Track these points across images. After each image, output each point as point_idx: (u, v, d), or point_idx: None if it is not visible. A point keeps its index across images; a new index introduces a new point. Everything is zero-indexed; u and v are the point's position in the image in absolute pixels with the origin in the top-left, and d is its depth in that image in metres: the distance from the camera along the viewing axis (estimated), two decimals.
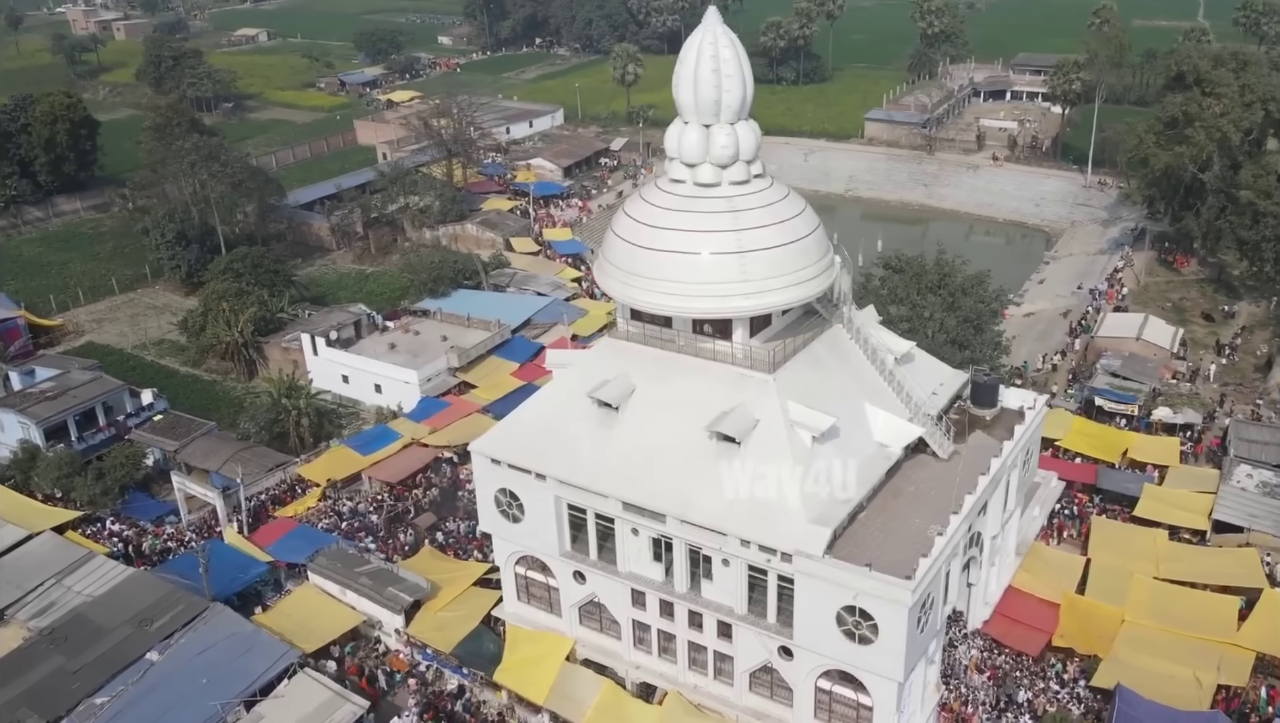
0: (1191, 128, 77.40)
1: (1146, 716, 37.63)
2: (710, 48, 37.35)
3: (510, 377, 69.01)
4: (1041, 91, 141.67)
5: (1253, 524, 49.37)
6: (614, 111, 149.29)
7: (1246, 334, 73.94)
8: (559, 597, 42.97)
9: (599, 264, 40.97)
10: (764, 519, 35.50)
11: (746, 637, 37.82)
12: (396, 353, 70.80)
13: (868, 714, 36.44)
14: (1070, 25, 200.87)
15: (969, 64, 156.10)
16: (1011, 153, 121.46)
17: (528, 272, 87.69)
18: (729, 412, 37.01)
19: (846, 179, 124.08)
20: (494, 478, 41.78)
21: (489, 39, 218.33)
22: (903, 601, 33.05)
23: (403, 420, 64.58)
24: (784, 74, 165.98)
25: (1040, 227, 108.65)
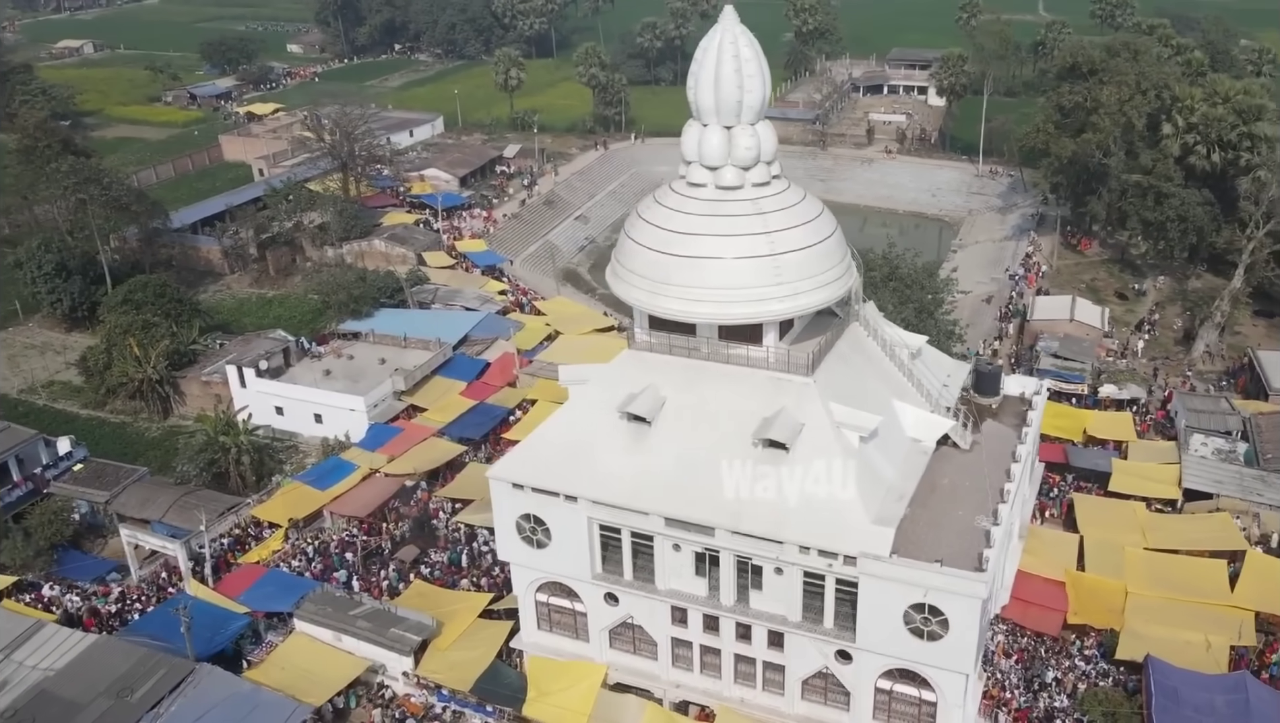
0: (1096, 115, 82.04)
1: (1180, 683, 39.51)
2: (731, 47, 37.22)
3: (459, 397, 67.03)
4: (919, 85, 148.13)
5: (1220, 490, 52.62)
6: (497, 117, 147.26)
7: (1159, 310, 78.86)
8: (586, 622, 41.88)
9: (616, 274, 40.07)
10: (822, 524, 35.49)
11: (801, 644, 37.77)
12: (334, 379, 67.64)
13: (930, 709, 36.96)
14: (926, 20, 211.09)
15: (845, 60, 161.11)
16: (901, 145, 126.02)
17: (449, 286, 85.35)
18: (773, 417, 36.84)
19: None
20: (516, 504, 40.34)
21: (345, 46, 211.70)
22: (977, 593, 33.67)
23: (355, 451, 61.79)
24: (662, 75, 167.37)
25: (940, 216, 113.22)
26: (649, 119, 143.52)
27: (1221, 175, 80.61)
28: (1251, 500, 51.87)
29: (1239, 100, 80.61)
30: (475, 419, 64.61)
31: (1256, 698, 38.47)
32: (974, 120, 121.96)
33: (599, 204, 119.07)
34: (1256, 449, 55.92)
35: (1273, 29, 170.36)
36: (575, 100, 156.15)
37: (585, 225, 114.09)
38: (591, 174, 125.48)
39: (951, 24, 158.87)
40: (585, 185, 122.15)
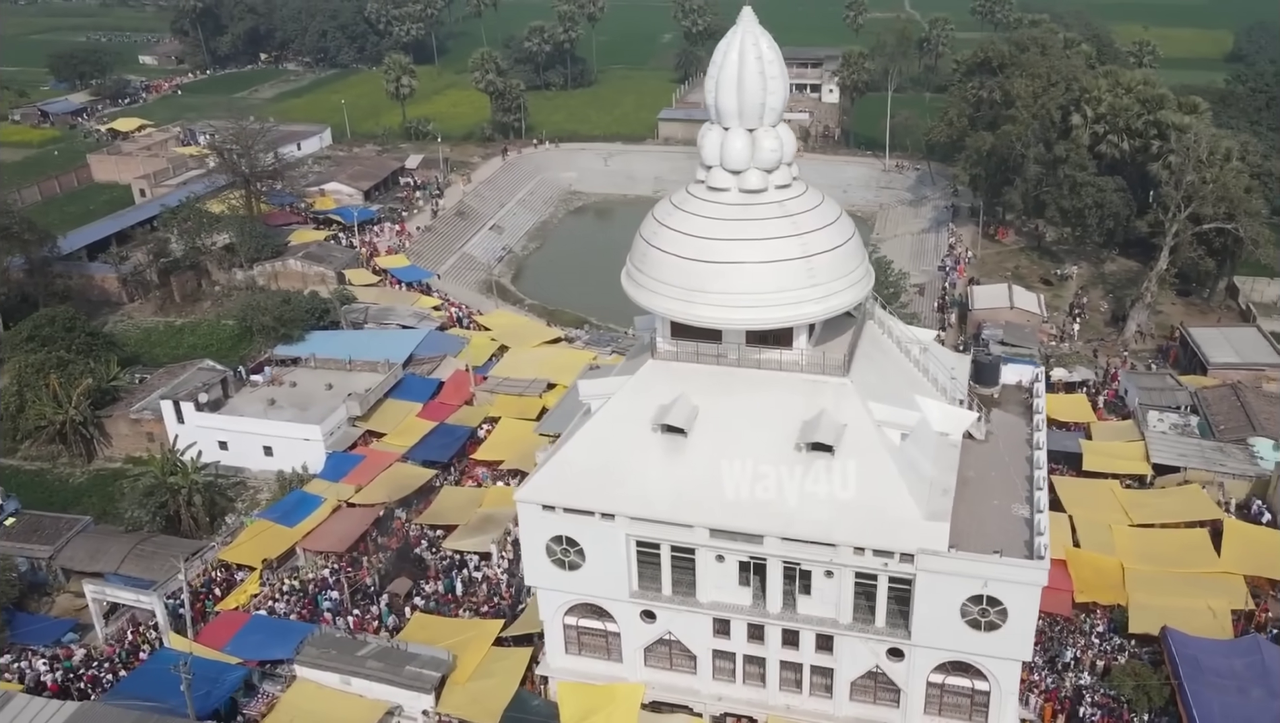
0: (1014, 108, 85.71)
1: (1198, 652, 41.56)
2: (753, 49, 37.19)
3: (417, 419, 65.18)
4: (811, 83, 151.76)
5: (1185, 463, 55.62)
6: (389, 127, 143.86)
7: (1084, 294, 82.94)
8: (619, 642, 41.25)
9: (639, 284, 39.49)
10: (876, 523, 35.87)
11: (851, 646, 38.10)
12: (281, 409, 64.71)
13: (983, 698, 37.83)
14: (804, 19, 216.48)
15: None
16: (804, 143, 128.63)
17: (380, 305, 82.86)
18: (815, 420, 37.04)
19: (653, 180, 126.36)
20: (546, 526, 39.42)
21: (205, 56, 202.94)
22: (1037, 581, 34.65)
23: (317, 482, 59.34)
24: (551, 79, 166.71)
25: (853, 211, 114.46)
26: (551, 124, 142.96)
27: (1131, 162, 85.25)
28: (1215, 471, 54.99)
29: (1141, 90, 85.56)
30: (438, 441, 62.91)
31: (1271, 659, 40.80)
32: (875, 116, 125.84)
33: (510, 213, 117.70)
34: (1209, 422, 59.38)
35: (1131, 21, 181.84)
36: (467, 107, 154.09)
37: (500, 235, 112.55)
38: (498, 183, 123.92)
39: (829, 22, 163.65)
40: (494, 194, 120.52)
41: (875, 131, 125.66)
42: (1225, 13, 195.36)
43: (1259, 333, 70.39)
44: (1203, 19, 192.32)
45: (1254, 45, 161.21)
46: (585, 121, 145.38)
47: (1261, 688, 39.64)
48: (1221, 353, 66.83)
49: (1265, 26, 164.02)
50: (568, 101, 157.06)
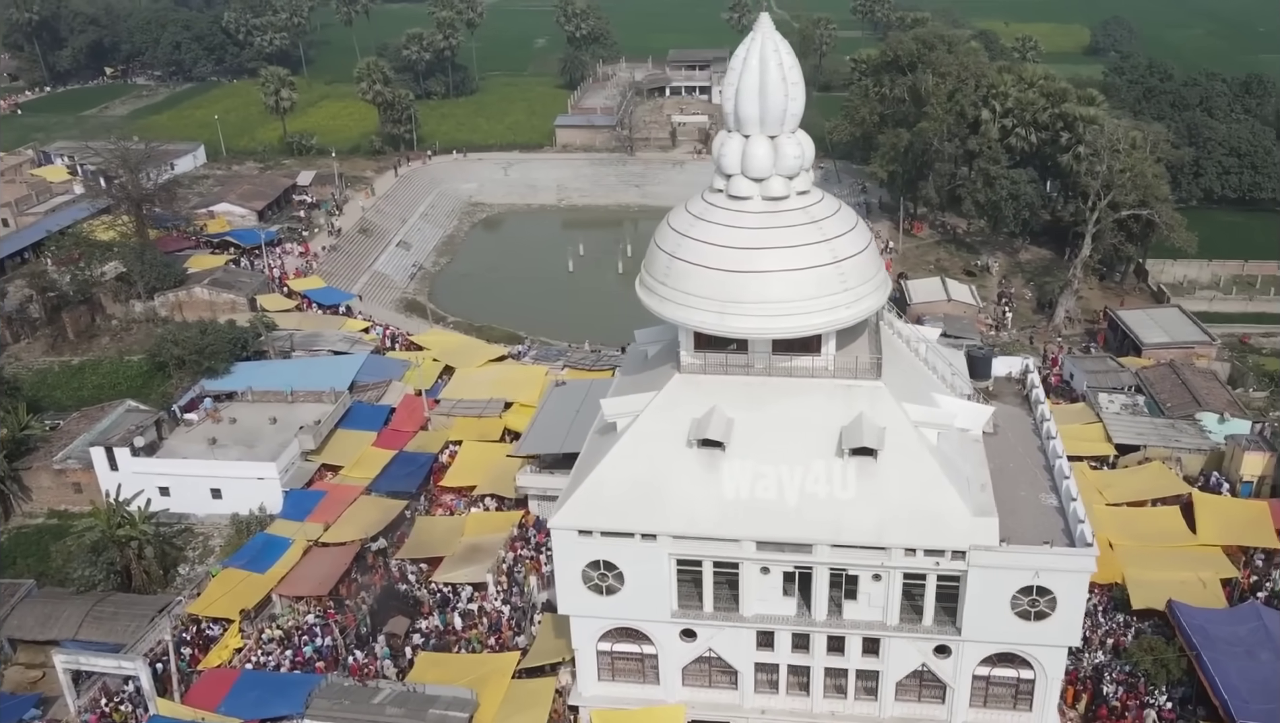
0: (929, 105, 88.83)
1: (1205, 622, 43.87)
2: (775, 55, 37.44)
3: (374, 449, 62.86)
4: (700, 85, 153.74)
5: (1144, 441, 58.73)
6: (268, 143, 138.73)
7: (1007, 283, 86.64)
8: (657, 663, 40.80)
9: (666, 297, 39.03)
10: (927, 524, 36.53)
11: (898, 647, 38.70)
12: (225, 447, 61.45)
13: (1027, 687, 39.00)
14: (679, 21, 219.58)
15: (622, 64, 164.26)
16: (706, 146, 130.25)
17: (304, 330, 79.60)
18: (855, 425, 37.45)
19: (556, 188, 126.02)
20: (582, 552, 38.68)
21: (44, 72, 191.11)
22: (1088, 568, 35.96)
23: (280, 523, 56.63)
24: (433, 88, 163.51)
25: None
26: (440, 134, 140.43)
27: (1039, 154, 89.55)
28: (1171, 447, 58.24)
29: (1044, 85, 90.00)
30: (401, 470, 60.89)
31: (1271, 623, 43.46)
32: None
33: (415, 228, 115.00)
34: (1156, 401, 62.86)
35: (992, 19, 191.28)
36: (348, 119, 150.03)
37: (408, 252, 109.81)
38: (398, 197, 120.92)
39: (705, 23, 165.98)
40: (395, 210, 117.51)
41: None
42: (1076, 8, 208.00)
43: (1180, 312, 74.95)
44: (1057, 14, 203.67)
45: (1110, 39, 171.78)
46: (477, 131, 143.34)
47: (1268, 651, 42.13)
48: (1152, 334, 70.88)
49: (1120, 21, 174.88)
50: (454, 111, 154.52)
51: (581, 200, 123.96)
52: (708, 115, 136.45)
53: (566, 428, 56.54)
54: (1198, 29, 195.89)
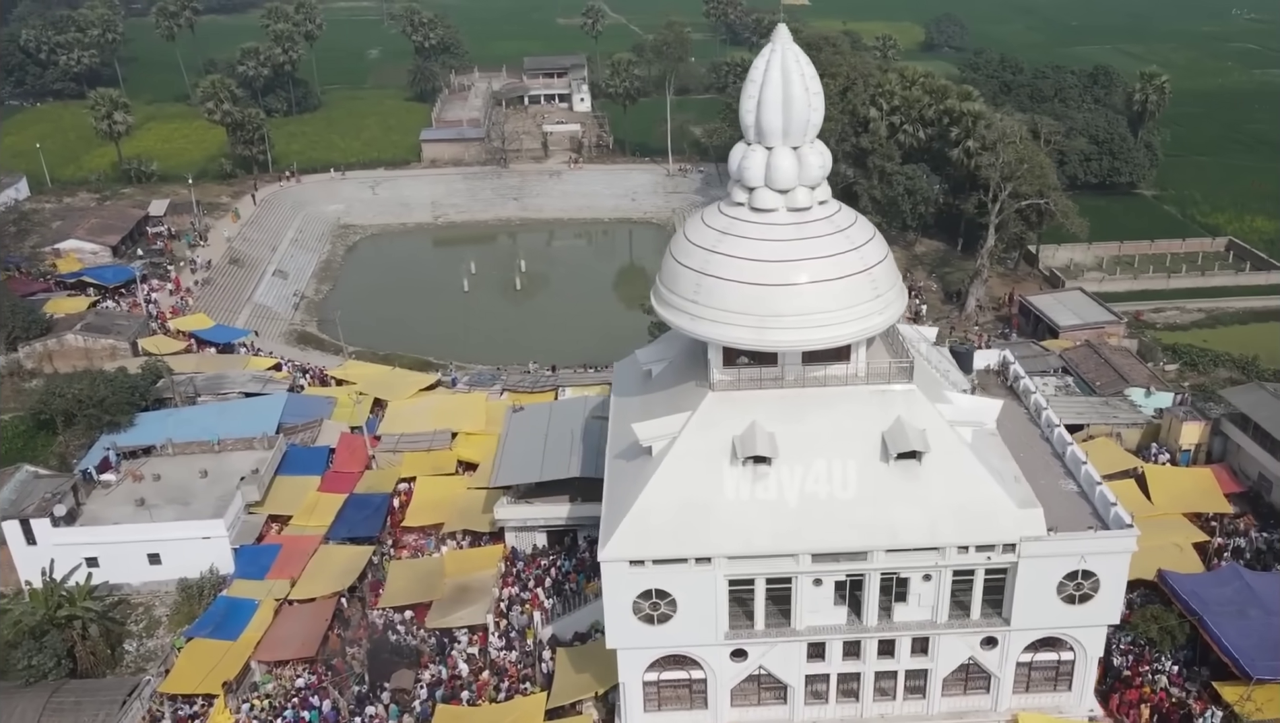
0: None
1: (1194, 587, 47.07)
2: (797, 66, 38.04)
3: (320, 494, 59.82)
4: (559, 93, 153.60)
5: (1087, 420, 62.46)
6: (101, 171, 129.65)
7: (911, 276, 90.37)
8: (705, 687, 40.66)
9: (695, 315, 38.87)
10: (977, 520, 37.80)
11: (948, 643, 39.93)
12: (157, 507, 57.07)
13: (1067, 669, 40.99)
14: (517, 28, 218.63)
15: (474, 74, 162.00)
16: (579, 154, 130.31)
17: (205, 373, 74.79)
18: (898, 429, 38.41)
19: (430, 206, 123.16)
20: (634, 583, 38.13)
21: None
22: (1129, 548, 38.08)
23: (238, 583, 53.12)
24: (273, 105, 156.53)
25: (647, 219, 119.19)
26: (292, 154, 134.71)
27: (927, 149, 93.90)
28: (1111, 423, 62.25)
29: (926, 82, 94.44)
30: (357, 515, 58.25)
31: (1253, 582, 47.08)
32: (649, 122, 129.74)
33: (288, 256, 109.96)
34: (1085, 380, 67.02)
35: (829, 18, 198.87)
36: (183, 142, 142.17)
37: (286, 280, 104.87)
38: (262, 223, 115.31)
39: (545, 30, 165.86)
40: (262, 236, 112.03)
41: (650, 137, 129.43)
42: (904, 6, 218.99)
43: (1083, 294, 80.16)
44: (888, 13, 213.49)
45: (943, 35, 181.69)
46: (333, 149, 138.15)
47: (1257, 608, 45.59)
48: (1065, 317, 75.53)
49: (951, 17, 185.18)
50: (303, 128, 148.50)
51: (459, 217, 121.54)
52: (579, 124, 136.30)
53: (539, 455, 55.44)
54: (1017, 24, 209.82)
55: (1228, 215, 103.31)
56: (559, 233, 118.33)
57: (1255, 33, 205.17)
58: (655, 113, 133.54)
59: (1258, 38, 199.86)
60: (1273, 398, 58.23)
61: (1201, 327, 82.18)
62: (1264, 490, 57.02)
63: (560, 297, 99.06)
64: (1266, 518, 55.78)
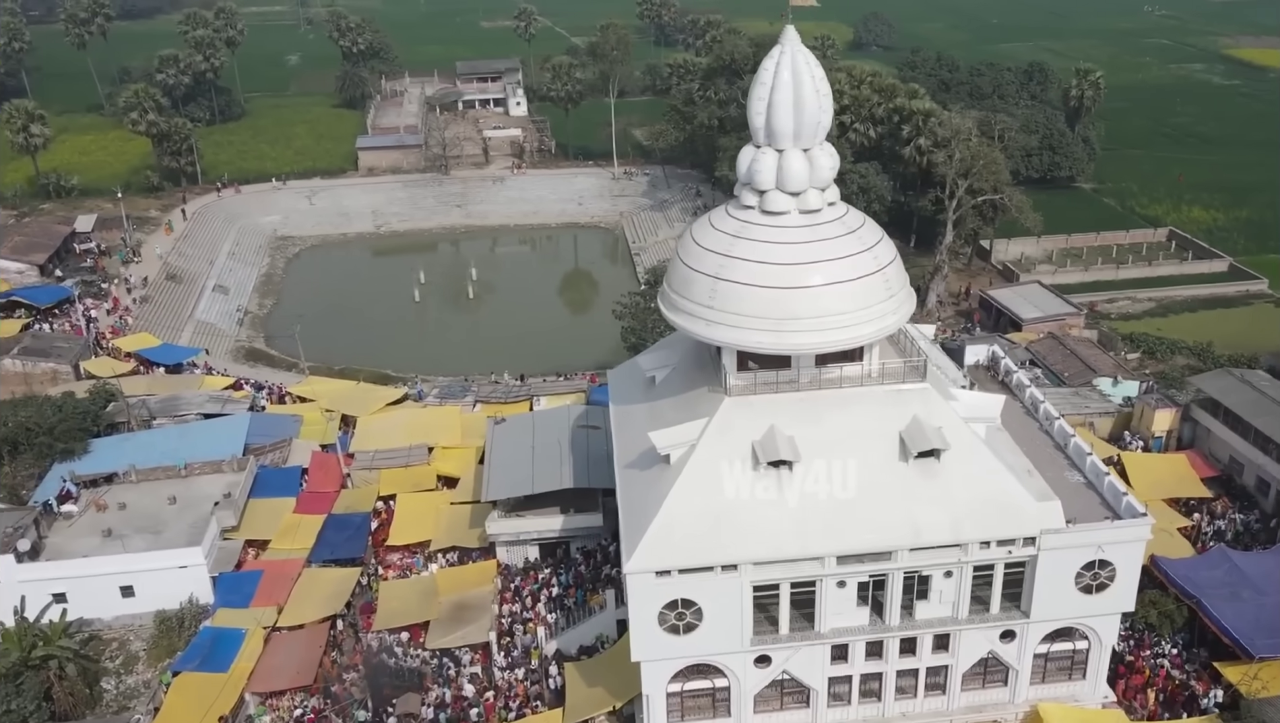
0: None
1: (1187, 571, 48.49)
2: (807, 68, 38.31)
3: (297, 516, 58.28)
4: (494, 97, 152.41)
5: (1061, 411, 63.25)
6: (17, 186, 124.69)
7: None
8: (728, 695, 40.64)
9: (710, 321, 38.80)
10: (997, 515, 38.40)
11: (968, 638, 40.51)
12: (127, 537, 55.00)
13: (1082, 657, 41.89)
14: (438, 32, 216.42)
15: (405, 79, 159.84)
16: (521, 160, 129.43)
17: (160, 396, 72.29)
18: (915, 428, 38.82)
19: (371, 215, 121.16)
20: (660, 594, 37.91)
21: None
22: (1144, 536, 39.08)
23: (222, 613, 51.43)
24: (195, 114, 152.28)
25: (595, 223, 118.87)
26: (222, 164, 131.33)
27: (878, 148, 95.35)
28: (1083, 413, 63.89)
29: (874, 81, 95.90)
30: (338, 536, 56.93)
31: (1241, 563, 48.71)
32: (592, 125, 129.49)
33: (227, 270, 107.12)
34: (1053, 371, 68.69)
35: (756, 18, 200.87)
36: (102, 155, 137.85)
37: (227, 296, 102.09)
38: (196, 237, 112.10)
39: (470, 34, 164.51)
40: (198, 251, 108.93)
41: (592, 140, 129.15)
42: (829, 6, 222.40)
43: (1041, 287, 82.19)
44: (813, 13, 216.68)
45: (871, 34, 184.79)
46: (263, 158, 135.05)
47: (1249, 589, 47.16)
48: (1027, 310, 77.35)
49: (878, 16, 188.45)
50: (230, 138, 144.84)
51: (402, 225, 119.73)
52: (520, 129, 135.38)
53: (529, 467, 54.89)
54: (940, 22, 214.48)
55: (1165, 206, 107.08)
56: (506, 240, 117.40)
57: (1167, 28, 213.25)
58: (595, 116, 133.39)
59: (1170, 33, 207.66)
60: (1241, 383, 60.40)
61: (1153, 316, 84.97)
62: (1235, 473, 59.08)
63: (515, 305, 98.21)
64: (1239, 500, 57.83)
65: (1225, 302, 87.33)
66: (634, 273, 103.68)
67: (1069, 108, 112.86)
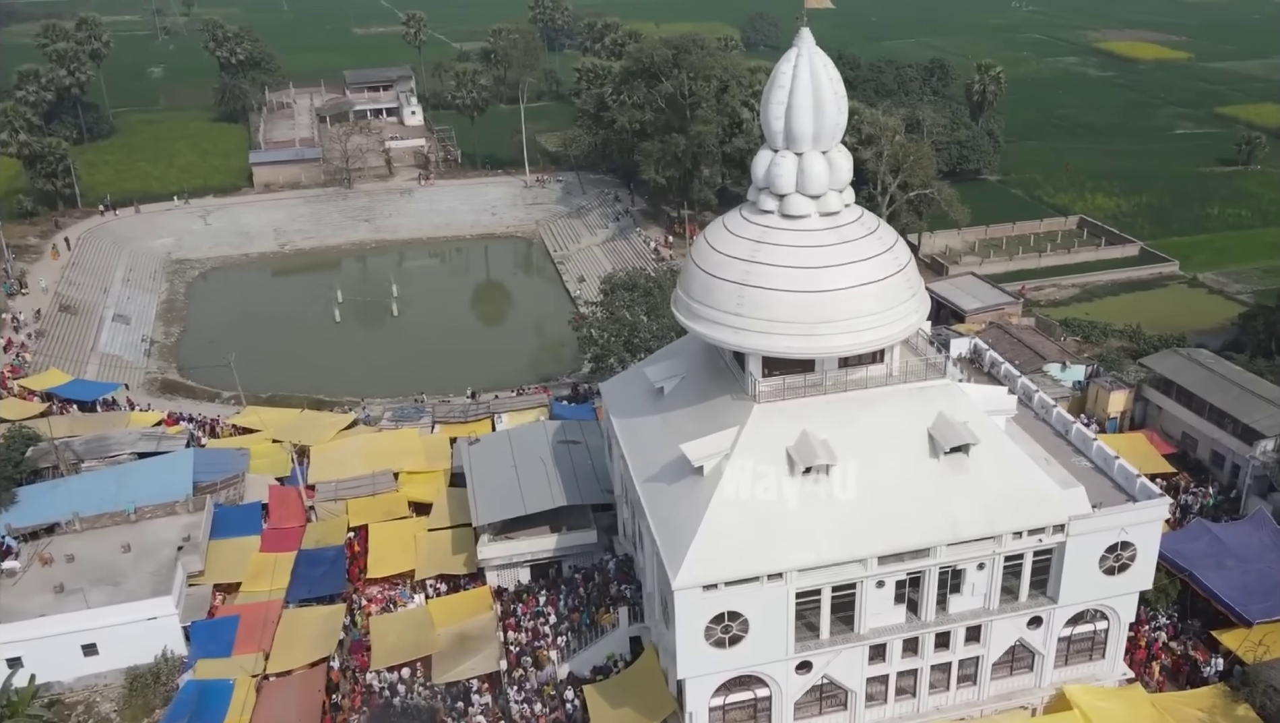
0: (702, 108, 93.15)
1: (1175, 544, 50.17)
2: (825, 71, 38.88)
3: (265, 555, 55.95)
4: (387, 107, 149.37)
5: None
6: None
7: None
8: (770, 704, 40.78)
9: (739, 328, 38.89)
10: (1028, 505, 39.59)
11: (999, 627, 41.64)
12: (80, 592, 51.85)
13: (1102, 637, 43.54)
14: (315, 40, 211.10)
15: (289, 90, 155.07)
16: (428, 171, 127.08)
17: (84, 437, 68.22)
18: (944, 424, 39.75)
19: (274, 233, 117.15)
20: (706, 608, 37.78)
21: None
22: (1162, 515, 40.88)
23: (203, 664, 48.96)
24: (61, 132, 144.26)
25: (511, 233, 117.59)
26: (104, 186, 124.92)
27: None
28: None
29: None
30: (313, 572, 54.92)
31: (1220, 534, 51.44)
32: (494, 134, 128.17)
33: (125, 298, 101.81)
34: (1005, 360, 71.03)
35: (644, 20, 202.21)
36: None
37: (129, 325, 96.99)
38: (84, 264, 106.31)
39: (343, 41, 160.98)
40: (89, 280, 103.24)
41: (498, 149, 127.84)
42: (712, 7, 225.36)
43: (975, 278, 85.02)
44: (697, 14, 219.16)
45: (759, 35, 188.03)
46: (145, 178, 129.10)
47: (1232, 558, 49.90)
48: (967, 301, 79.91)
49: (764, 17, 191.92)
50: (105, 157, 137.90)
51: (307, 243, 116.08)
52: (423, 139, 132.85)
53: (516, 487, 54.05)
54: (822, 21, 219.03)
55: (1071, 195, 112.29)
56: (421, 253, 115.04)
57: (1038, 24, 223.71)
58: (499, 124, 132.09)
59: (1041, 28, 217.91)
60: (1190, 362, 63.78)
61: (1079, 301, 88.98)
62: (1190, 448, 62.35)
63: (444, 320, 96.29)
64: (1196, 474, 61.03)
65: (1143, 285, 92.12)
66: (561, 282, 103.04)
67: (972, 102, 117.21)
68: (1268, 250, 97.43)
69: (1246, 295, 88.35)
